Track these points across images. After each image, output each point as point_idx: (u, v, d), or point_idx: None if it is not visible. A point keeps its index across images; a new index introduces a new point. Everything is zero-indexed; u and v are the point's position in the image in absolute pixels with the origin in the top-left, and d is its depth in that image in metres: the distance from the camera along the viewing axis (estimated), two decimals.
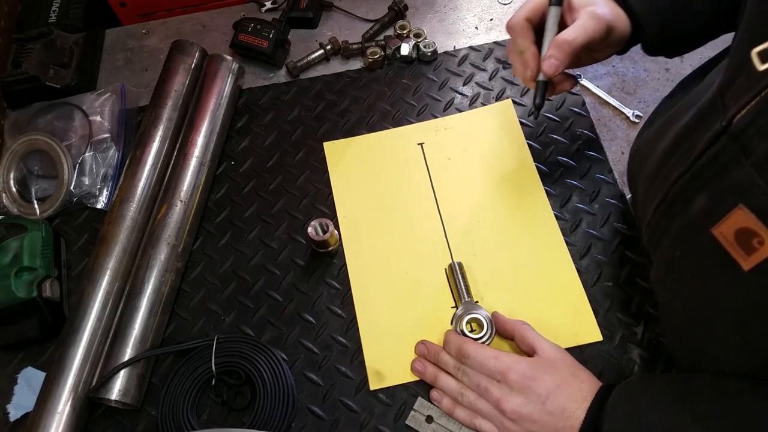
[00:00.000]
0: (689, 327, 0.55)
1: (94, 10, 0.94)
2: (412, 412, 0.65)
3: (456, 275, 0.70)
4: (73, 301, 0.70)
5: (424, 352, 0.67)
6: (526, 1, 0.66)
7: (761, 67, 0.42)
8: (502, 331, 0.66)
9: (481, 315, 0.67)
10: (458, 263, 0.71)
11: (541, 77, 0.65)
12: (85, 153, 0.80)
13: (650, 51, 0.69)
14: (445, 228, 0.75)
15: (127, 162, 0.78)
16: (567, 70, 0.66)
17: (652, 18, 0.65)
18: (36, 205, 0.78)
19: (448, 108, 0.84)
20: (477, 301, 0.69)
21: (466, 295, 0.68)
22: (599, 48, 0.65)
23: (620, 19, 0.64)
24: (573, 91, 0.83)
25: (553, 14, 0.65)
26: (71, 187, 0.77)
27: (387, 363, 0.67)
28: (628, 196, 0.77)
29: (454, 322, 0.68)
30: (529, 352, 0.63)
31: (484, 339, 0.65)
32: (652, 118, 0.70)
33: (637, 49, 0.69)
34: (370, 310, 0.71)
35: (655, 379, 0.61)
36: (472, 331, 0.66)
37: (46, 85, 0.83)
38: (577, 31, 0.61)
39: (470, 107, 0.84)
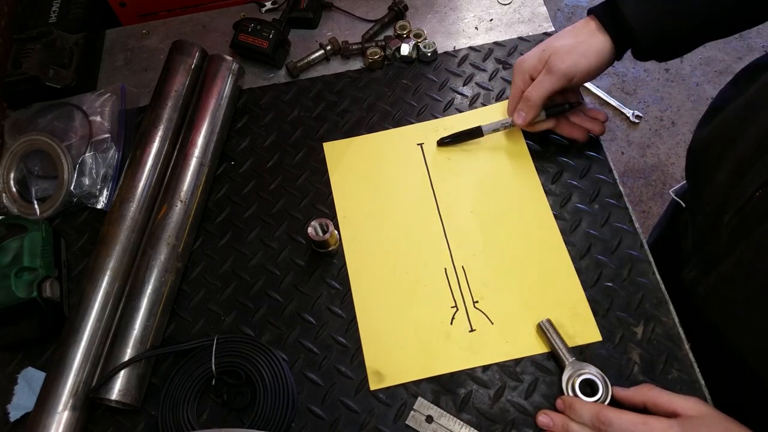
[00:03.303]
0: None
1: (94, 10, 0.94)
2: (412, 412, 0.65)
3: (550, 335, 0.66)
4: (73, 301, 0.70)
5: (549, 424, 0.62)
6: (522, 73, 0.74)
7: None
8: (628, 404, 0.61)
9: (593, 375, 0.63)
10: (547, 320, 0.67)
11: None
12: (85, 153, 0.80)
13: (642, 58, 0.71)
14: (445, 228, 0.75)
15: (127, 162, 0.78)
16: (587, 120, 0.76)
17: (649, 30, 0.66)
18: (36, 205, 0.78)
19: (448, 108, 0.84)
20: (575, 358, 0.65)
21: (569, 355, 0.64)
22: (572, 87, 0.72)
23: (591, 56, 0.69)
24: None
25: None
26: (71, 188, 0.78)
27: (387, 363, 0.67)
28: (674, 188, 0.78)
29: (564, 384, 0.63)
30: (669, 416, 0.57)
31: (600, 399, 0.61)
32: (719, 104, 0.71)
33: None
34: (370, 310, 0.71)
35: None
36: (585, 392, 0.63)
37: (46, 86, 0.83)
38: (536, 89, 0.71)
39: (470, 107, 0.84)
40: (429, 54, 0.87)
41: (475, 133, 0.78)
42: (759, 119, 0.56)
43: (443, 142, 0.79)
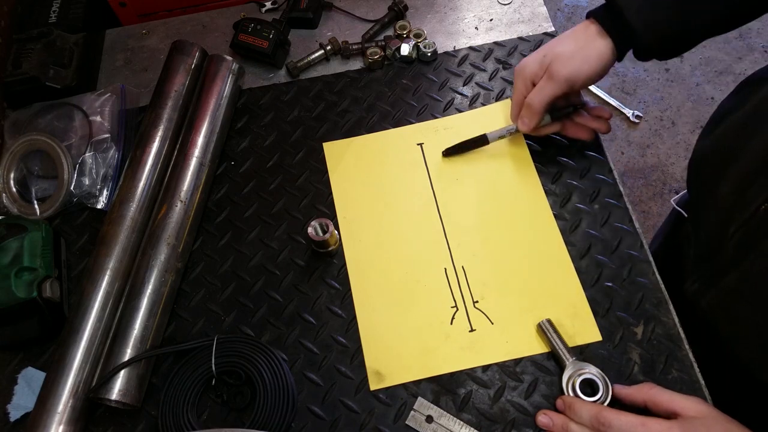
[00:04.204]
0: None
1: (94, 10, 0.94)
2: (412, 412, 0.65)
3: (551, 335, 0.66)
4: (73, 301, 0.70)
5: (548, 424, 0.62)
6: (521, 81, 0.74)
7: None
8: (629, 402, 0.61)
9: (593, 375, 0.63)
10: (547, 320, 0.67)
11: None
12: (85, 153, 0.80)
13: (643, 58, 0.70)
14: (445, 228, 0.75)
15: (127, 162, 0.78)
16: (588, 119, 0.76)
17: (652, 30, 0.65)
18: (36, 205, 0.78)
19: (448, 108, 0.84)
20: (575, 358, 0.65)
21: (569, 355, 0.64)
22: (574, 92, 0.72)
23: (593, 61, 0.68)
24: None
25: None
26: (71, 187, 0.78)
27: (387, 363, 0.67)
28: (674, 198, 0.77)
29: (565, 384, 0.63)
30: (669, 416, 0.57)
31: (600, 399, 0.62)
32: (720, 116, 0.70)
33: None
34: (370, 310, 0.71)
35: None
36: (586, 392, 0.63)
37: (46, 86, 0.83)
38: (537, 95, 0.70)
39: (470, 107, 0.84)
40: (429, 54, 0.87)
41: (480, 141, 0.77)
42: (762, 132, 0.56)
43: (448, 153, 0.79)
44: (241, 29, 0.87)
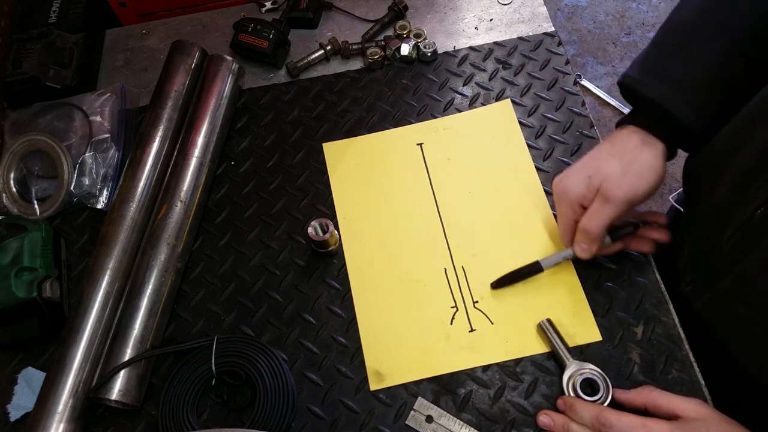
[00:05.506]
0: None
1: (94, 10, 0.94)
2: (412, 412, 0.65)
3: (551, 335, 0.66)
4: (73, 301, 0.70)
5: (549, 424, 0.62)
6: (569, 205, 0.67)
7: None
8: (629, 406, 0.60)
9: (594, 375, 0.63)
10: (547, 320, 0.67)
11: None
12: (85, 153, 0.80)
13: (694, 149, 0.67)
14: (445, 228, 0.75)
15: (127, 162, 0.78)
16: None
17: (703, 118, 0.62)
18: (36, 205, 0.78)
19: (447, 108, 0.84)
20: (571, 358, 0.65)
21: (569, 355, 0.64)
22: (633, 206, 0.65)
23: (648, 176, 0.63)
24: (573, 91, 0.84)
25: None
26: (71, 188, 0.78)
27: (387, 363, 0.67)
28: (673, 195, 0.77)
29: (565, 384, 0.63)
30: (670, 418, 0.57)
31: (600, 399, 0.61)
32: None
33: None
34: (370, 310, 0.71)
35: None
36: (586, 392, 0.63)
37: (46, 86, 0.83)
38: (595, 220, 0.64)
39: (470, 107, 0.84)
40: (429, 54, 0.87)
41: (533, 270, 0.70)
42: (758, 134, 0.56)
43: (498, 285, 0.70)
44: (241, 29, 0.87)
